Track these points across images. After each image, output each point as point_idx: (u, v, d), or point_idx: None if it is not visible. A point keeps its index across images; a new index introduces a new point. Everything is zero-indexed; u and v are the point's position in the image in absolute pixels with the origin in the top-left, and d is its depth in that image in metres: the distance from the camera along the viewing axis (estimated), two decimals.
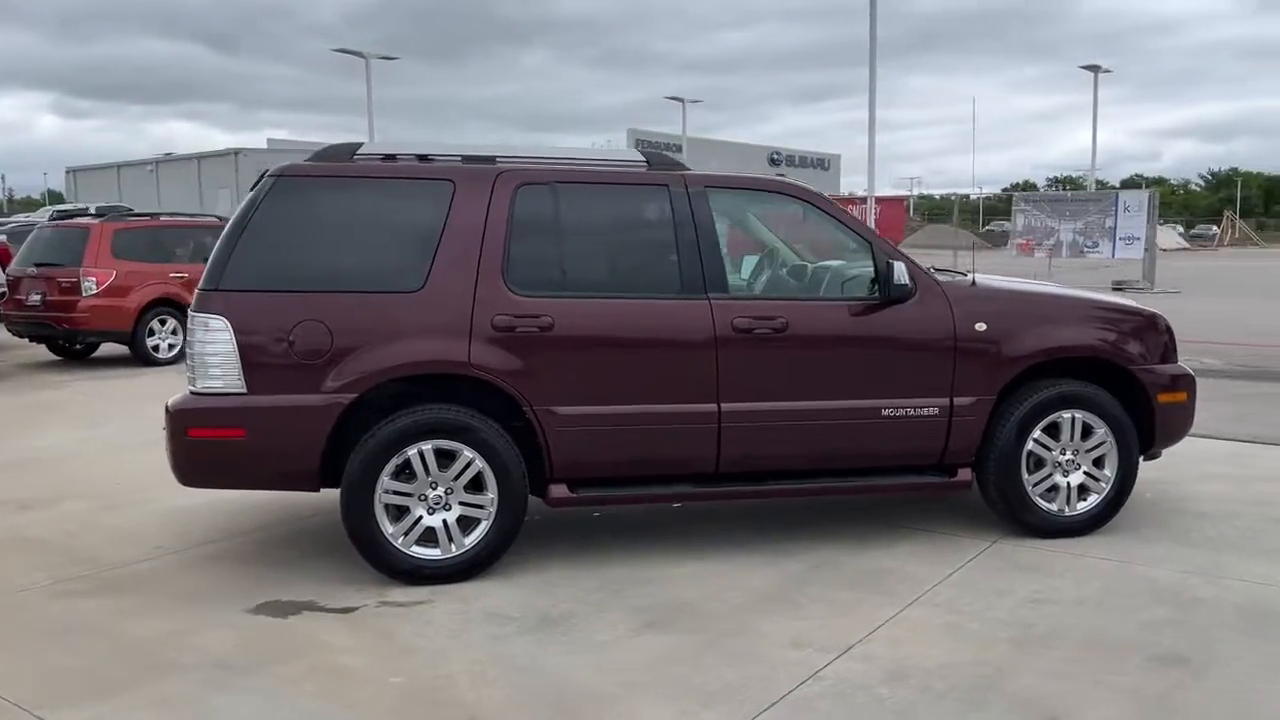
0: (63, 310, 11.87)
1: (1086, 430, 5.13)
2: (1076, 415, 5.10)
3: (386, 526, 4.52)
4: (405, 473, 4.52)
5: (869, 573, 4.71)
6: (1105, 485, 5.18)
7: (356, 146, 4.85)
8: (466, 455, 4.54)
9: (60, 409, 9.48)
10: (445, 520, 4.57)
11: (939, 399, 4.98)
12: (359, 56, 39.13)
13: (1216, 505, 5.73)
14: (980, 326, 5.01)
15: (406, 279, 4.58)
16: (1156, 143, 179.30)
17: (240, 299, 4.48)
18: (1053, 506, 5.15)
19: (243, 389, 4.44)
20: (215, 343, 4.43)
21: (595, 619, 4.21)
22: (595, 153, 5.34)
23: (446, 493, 4.57)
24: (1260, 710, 3.44)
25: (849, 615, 4.21)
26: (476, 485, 4.59)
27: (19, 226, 17.57)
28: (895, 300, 4.95)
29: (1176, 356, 5.44)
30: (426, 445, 4.51)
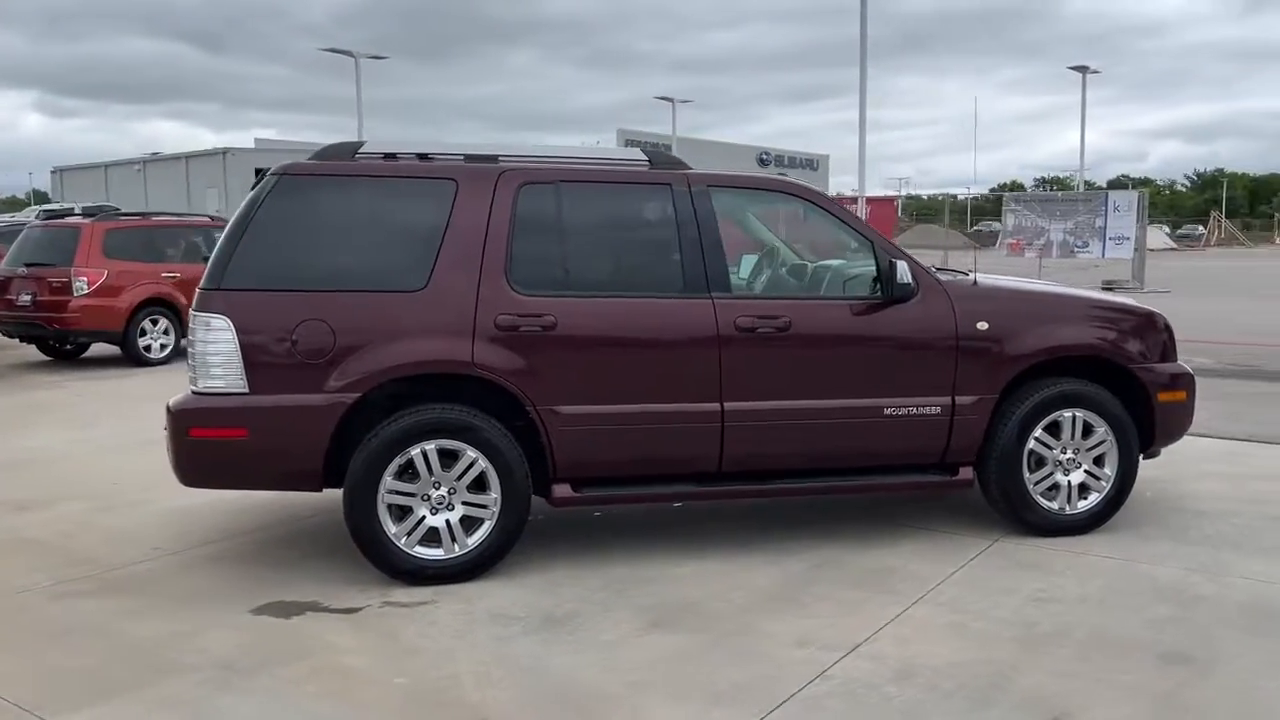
0: (54, 310, 11.79)
1: (1087, 429, 5.15)
2: (1077, 414, 5.12)
3: (389, 526, 4.50)
4: (408, 472, 4.50)
5: (872, 571, 4.72)
6: (1106, 484, 5.19)
7: (358, 145, 4.83)
8: (470, 455, 4.53)
9: (53, 410, 9.41)
10: (448, 520, 4.55)
11: (941, 398, 4.99)
12: (348, 56, 39.05)
13: (1215, 503, 5.75)
14: (982, 325, 5.02)
15: (409, 278, 4.57)
16: (1142, 143, 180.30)
17: (242, 298, 4.45)
18: (1054, 505, 5.16)
19: (245, 389, 4.42)
20: (217, 342, 4.40)
21: (600, 619, 4.20)
22: (598, 152, 5.33)
23: (449, 493, 4.55)
24: (1266, 707, 3.45)
25: (854, 614, 4.22)
26: (480, 485, 4.57)
27: (8, 227, 17.45)
28: (898, 299, 4.95)
29: (1176, 355, 5.46)
30: (429, 445, 4.49)
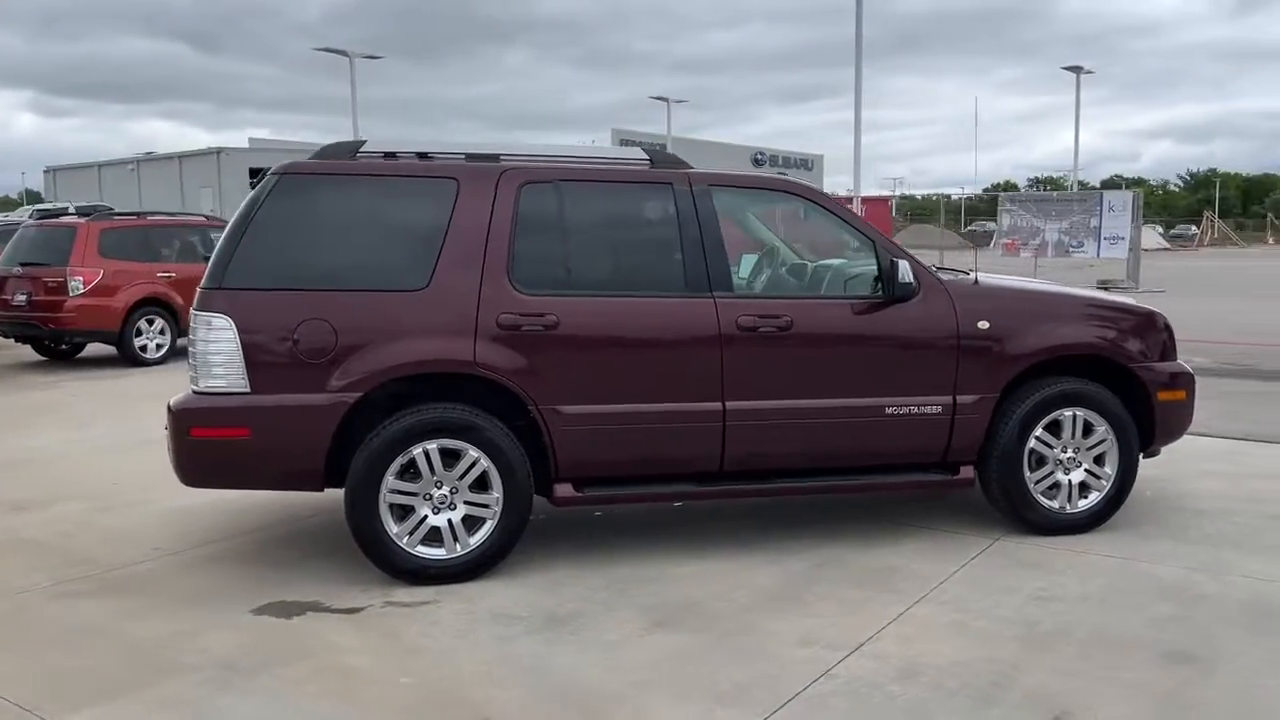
0: (49, 310, 11.77)
1: (1088, 428, 5.15)
2: (1078, 413, 5.12)
3: (391, 526, 4.49)
4: (410, 472, 4.49)
5: (874, 571, 4.72)
6: (1106, 483, 5.20)
7: (359, 144, 4.82)
8: (471, 455, 4.52)
9: (49, 410, 9.37)
10: (450, 520, 4.54)
11: (942, 397, 4.99)
12: (342, 55, 38.95)
13: (1214, 502, 5.77)
14: (983, 325, 5.02)
15: (411, 277, 4.55)
16: (1136, 143, 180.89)
17: (244, 297, 4.44)
18: (1054, 504, 5.17)
19: (246, 388, 4.40)
20: (219, 341, 4.39)
21: (603, 618, 4.20)
22: (599, 151, 5.32)
23: (451, 492, 4.54)
24: (1268, 706, 3.46)
25: (857, 613, 4.22)
26: (481, 485, 4.56)
27: (3, 227, 17.38)
28: (899, 299, 4.95)
29: (1176, 354, 5.47)
30: (431, 444, 4.48)
